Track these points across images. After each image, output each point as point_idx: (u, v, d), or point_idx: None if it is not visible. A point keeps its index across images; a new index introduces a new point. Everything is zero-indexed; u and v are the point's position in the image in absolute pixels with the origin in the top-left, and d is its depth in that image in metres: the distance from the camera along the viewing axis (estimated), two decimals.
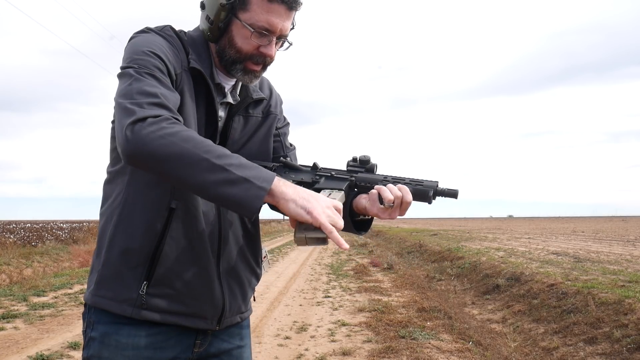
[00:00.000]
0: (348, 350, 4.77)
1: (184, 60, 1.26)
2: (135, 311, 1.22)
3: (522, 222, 75.47)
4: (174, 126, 1.06)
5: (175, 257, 1.24)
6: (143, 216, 1.22)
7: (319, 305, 7.20)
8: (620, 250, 13.37)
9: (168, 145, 1.03)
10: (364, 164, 1.36)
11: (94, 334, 1.25)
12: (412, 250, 16.97)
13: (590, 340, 5.18)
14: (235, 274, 1.37)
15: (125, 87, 1.13)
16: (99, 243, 1.29)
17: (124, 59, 1.22)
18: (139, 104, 1.08)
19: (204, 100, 1.29)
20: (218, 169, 1.04)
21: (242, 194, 1.04)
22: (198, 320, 1.30)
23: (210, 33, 1.28)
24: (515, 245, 15.73)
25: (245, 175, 1.05)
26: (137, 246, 1.22)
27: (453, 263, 11.91)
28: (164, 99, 1.11)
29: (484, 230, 30.74)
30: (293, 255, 15.97)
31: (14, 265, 10.08)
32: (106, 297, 1.24)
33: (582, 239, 20.39)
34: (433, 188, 1.30)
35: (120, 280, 1.23)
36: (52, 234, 18.36)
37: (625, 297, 5.77)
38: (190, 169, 1.04)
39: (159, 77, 1.16)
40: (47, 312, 6.52)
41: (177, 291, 1.25)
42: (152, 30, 1.27)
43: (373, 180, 1.34)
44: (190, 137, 1.06)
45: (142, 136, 1.04)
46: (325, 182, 1.35)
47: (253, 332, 5.53)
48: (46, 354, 4.54)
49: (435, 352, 4.72)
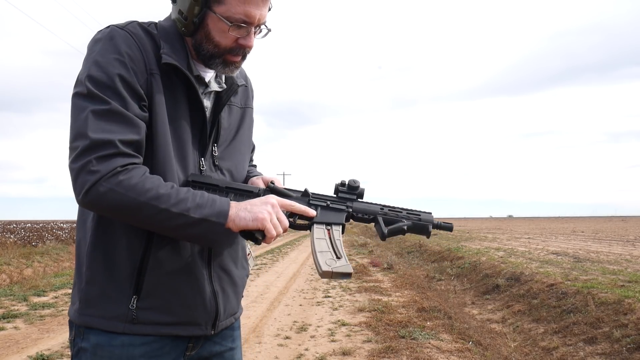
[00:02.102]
0: (348, 350, 4.78)
1: (152, 59, 1.19)
2: (127, 327, 1.17)
3: (522, 222, 75.46)
4: (130, 179, 1.08)
5: (162, 267, 1.19)
6: (123, 229, 1.17)
7: (319, 305, 7.20)
8: (620, 250, 13.38)
9: (124, 201, 1.07)
10: (353, 190, 1.32)
11: (84, 344, 1.19)
12: (412, 250, 16.97)
13: (590, 340, 5.19)
14: (228, 274, 1.33)
15: (80, 123, 1.09)
16: (78, 260, 1.23)
17: (83, 69, 1.15)
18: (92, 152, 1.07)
19: (185, 94, 1.23)
20: (176, 216, 1.10)
21: (203, 233, 1.13)
22: (192, 327, 1.26)
23: (185, 28, 1.22)
24: (515, 245, 15.74)
25: (203, 216, 1.11)
26: (121, 260, 1.17)
27: (453, 263, 11.91)
28: (121, 146, 1.09)
29: (484, 230, 30.75)
30: (293, 255, 15.96)
31: (14, 265, 10.08)
32: (94, 316, 1.18)
33: (582, 239, 20.40)
34: (431, 222, 1.33)
35: (107, 297, 1.17)
36: (52, 234, 18.37)
37: (625, 297, 5.77)
38: (150, 219, 1.10)
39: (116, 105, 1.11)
40: (48, 312, 6.52)
41: (167, 302, 1.21)
42: (116, 30, 1.18)
43: (370, 211, 1.32)
44: (145, 189, 1.08)
45: (98, 194, 1.06)
46: (322, 215, 1.29)
47: (253, 332, 5.53)
48: (46, 354, 4.54)
49: (435, 352, 4.73)
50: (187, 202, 1.11)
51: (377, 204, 1.34)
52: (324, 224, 1.28)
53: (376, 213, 1.31)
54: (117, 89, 1.12)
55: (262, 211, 1.15)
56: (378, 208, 1.32)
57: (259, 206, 1.16)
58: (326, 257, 1.23)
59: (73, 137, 1.10)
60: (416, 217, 1.33)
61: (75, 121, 1.11)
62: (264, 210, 1.16)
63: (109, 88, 1.12)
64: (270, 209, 1.17)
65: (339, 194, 1.33)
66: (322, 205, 1.30)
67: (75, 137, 1.10)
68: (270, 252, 16.74)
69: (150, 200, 1.08)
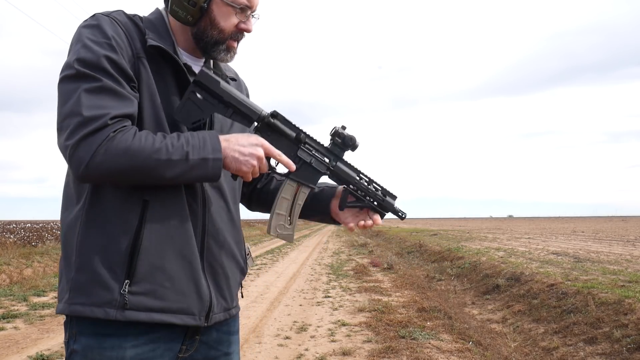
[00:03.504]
0: (348, 350, 4.77)
1: (139, 44, 1.21)
2: (119, 313, 1.14)
3: (522, 222, 75.47)
4: (125, 141, 1.09)
5: (155, 250, 1.17)
6: (115, 212, 1.16)
7: (319, 305, 7.20)
8: (620, 250, 13.38)
9: (125, 164, 1.09)
10: (347, 146, 1.34)
11: (76, 346, 1.18)
12: (412, 250, 16.96)
13: (590, 340, 5.18)
14: (221, 267, 1.31)
15: (72, 102, 1.10)
16: (67, 250, 1.20)
17: (71, 53, 1.16)
18: (85, 126, 1.08)
19: (174, 80, 1.25)
20: (179, 163, 1.13)
21: (205, 172, 1.16)
22: (185, 316, 1.22)
23: (191, 15, 1.24)
24: (515, 245, 15.73)
25: (202, 156, 1.15)
26: (113, 242, 1.15)
27: (453, 263, 11.90)
28: (110, 110, 1.10)
29: (484, 230, 30.75)
30: (293, 255, 15.96)
31: (14, 265, 10.07)
32: (85, 304, 1.15)
33: (582, 239, 20.39)
34: (390, 209, 1.42)
35: (98, 283, 1.14)
36: (52, 234, 18.36)
37: (625, 297, 5.77)
38: (153, 173, 1.12)
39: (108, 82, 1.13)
40: (47, 312, 6.52)
41: (161, 286, 1.18)
42: (101, 17, 1.20)
43: (345, 179, 1.38)
44: (142, 146, 1.10)
45: (97, 164, 1.08)
46: (301, 170, 1.33)
47: (253, 332, 5.53)
48: (46, 354, 4.54)
49: (435, 352, 4.72)
50: (184, 147, 1.14)
51: (355, 171, 1.38)
52: (296, 182, 1.34)
53: (352, 181, 1.38)
54: (107, 68, 1.13)
55: (247, 162, 1.20)
56: (353, 179, 1.38)
57: (246, 155, 1.20)
58: (280, 221, 1.35)
59: (64, 116, 1.10)
60: (380, 199, 1.40)
61: (65, 102, 1.11)
62: (249, 163, 1.20)
63: (99, 67, 1.13)
64: (255, 162, 1.21)
65: (333, 141, 1.35)
66: (306, 161, 1.33)
67: (66, 116, 1.10)
68: (270, 252, 16.74)
69: (151, 155, 1.11)
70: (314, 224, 76.90)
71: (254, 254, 15.89)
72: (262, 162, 1.22)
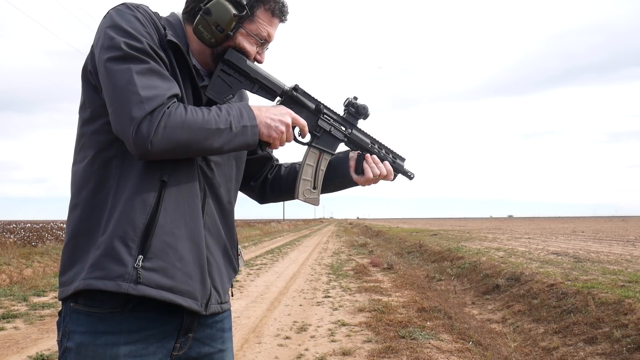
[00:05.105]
0: (348, 350, 4.77)
1: (163, 38, 1.27)
2: (131, 287, 1.16)
3: (522, 222, 75.49)
4: (179, 114, 1.17)
5: (170, 229, 1.21)
6: (134, 191, 1.19)
7: (319, 305, 7.20)
8: (620, 250, 13.37)
9: (182, 137, 1.17)
10: (360, 114, 1.47)
11: (69, 344, 1.19)
12: (412, 250, 16.96)
13: (590, 340, 5.18)
14: (215, 260, 1.34)
15: (124, 83, 1.15)
16: (87, 231, 1.21)
17: (107, 37, 1.19)
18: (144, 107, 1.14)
19: (188, 79, 1.30)
20: (225, 132, 1.22)
21: (246, 138, 1.26)
22: (191, 300, 1.25)
23: (215, 39, 1.31)
24: (515, 245, 15.73)
25: (243, 124, 1.25)
26: (130, 221, 1.17)
27: (453, 263, 11.90)
28: (164, 91, 1.17)
29: (484, 230, 30.75)
30: (293, 255, 15.97)
31: (14, 265, 10.06)
32: (98, 277, 1.16)
33: (582, 239, 20.39)
34: (400, 171, 1.58)
35: (112, 257, 1.16)
36: (52, 234, 18.36)
37: (625, 297, 5.77)
38: (205, 142, 1.20)
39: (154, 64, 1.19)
40: (47, 312, 6.52)
41: (172, 266, 1.21)
42: (133, 5, 1.25)
43: (361, 144, 1.50)
44: (194, 119, 1.18)
45: (160, 140, 1.14)
46: (322, 139, 1.46)
47: (253, 332, 5.53)
48: (46, 354, 4.54)
49: (435, 352, 4.72)
50: (228, 117, 1.23)
51: (369, 137, 1.52)
52: (318, 149, 1.46)
53: (366, 147, 1.51)
54: (150, 52, 1.20)
55: (277, 129, 1.31)
56: (368, 143, 1.51)
57: (276, 121, 1.31)
58: (306, 186, 1.47)
59: (120, 96, 1.15)
60: (391, 161, 1.55)
61: (117, 83, 1.15)
62: (279, 129, 1.31)
63: (144, 51, 1.19)
64: (284, 129, 1.32)
65: (347, 111, 1.48)
66: (326, 130, 1.46)
67: (123, 97, 1.14)
68: (270, 252, 16.75)
69: (203, 126, 1.19)
70: (314, 224, 76.88)
71: (254, 254, 15.90)
72: (289, 130, 1.34)
